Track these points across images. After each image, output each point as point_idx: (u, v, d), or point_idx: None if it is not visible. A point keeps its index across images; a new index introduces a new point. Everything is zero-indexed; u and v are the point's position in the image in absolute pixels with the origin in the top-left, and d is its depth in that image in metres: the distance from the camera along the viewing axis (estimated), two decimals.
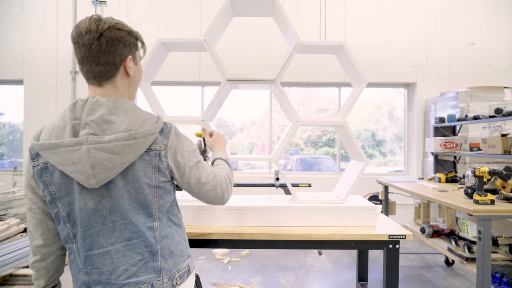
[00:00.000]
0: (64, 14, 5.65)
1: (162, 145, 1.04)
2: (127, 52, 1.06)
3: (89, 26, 1.00)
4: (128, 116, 1.01)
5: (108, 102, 1.01)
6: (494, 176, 2.74)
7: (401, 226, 1.88)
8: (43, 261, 1.10)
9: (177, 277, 1.09)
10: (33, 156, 1.02)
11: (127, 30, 1.06)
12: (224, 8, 1.92)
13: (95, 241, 1.02)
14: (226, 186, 1.20)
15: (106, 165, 0.96)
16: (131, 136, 0.98)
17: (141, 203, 1.03)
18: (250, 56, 5.55)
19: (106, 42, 1.01)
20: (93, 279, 1.03)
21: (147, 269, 1.04)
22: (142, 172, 1.02)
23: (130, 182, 1.01)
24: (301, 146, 6.22)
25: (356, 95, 1.99)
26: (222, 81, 1.94)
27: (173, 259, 1.09)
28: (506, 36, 5.56)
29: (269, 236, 1.73)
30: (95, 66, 1.02)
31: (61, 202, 1.02)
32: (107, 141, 0.96)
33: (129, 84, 1.10)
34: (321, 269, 3.73)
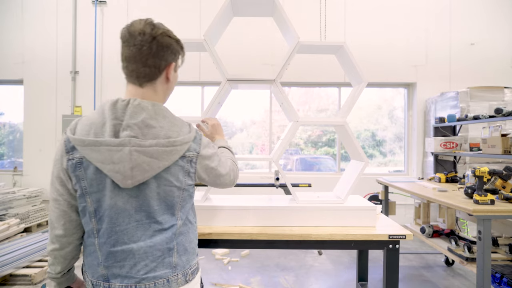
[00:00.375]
0: (64, 14, 5.65)
1: (195, 153, 1.11)
2: (172, 58, 1.11)
3: (144, 29, 1.04)
4: (166, 122, 1.07)
5: (149, 106, 1.05)
6: (494, 176, 2.74)
7: (401, 226, 1.88)
8: (62, 250, 1.13)
9: (190, 273, 1.13)
10: (69, 149, 1.04)
11: (175, 38, 1.12)
12: (224, 8, 1.92)
13: (119, 238, 1.05)
14: (235, 172, 1.31)
15: (144, 168, 1.02)
16: (170, 143, 1.04)
17: (168, 203, 1.08)
18: (250, 56, 5.55)
19: (157, 46, 1.06)
20: (112, 272, 1.06)
21: (164, 264, 1.08)
22: (175, 177, 1.08)
23: (162, 185, 1.06)
24: (301, 146, 6.22)
25: (356, 95, 1.99)
26: (222, 81, 1.94)
27: (186, 256, 1.13)
28: (506, 36, 5.56)
29: (269, 236, 1.73)
30: (142, 67, 1.06)
31: (90, 198, 1.05)
32: (148, 145, 1.01)
33: (167, 89, 1.16)
34: (321, 269, 3.73)
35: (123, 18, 5.64)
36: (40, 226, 5.17)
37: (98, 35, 5.65)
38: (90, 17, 5.63)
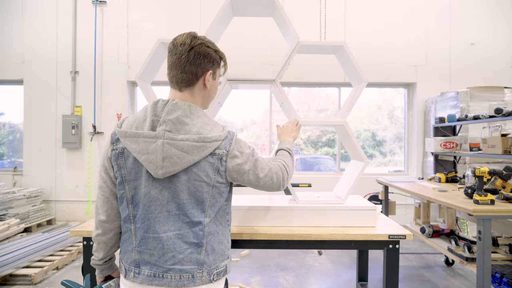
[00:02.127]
0: (64, 14, 5.65)
1: (224, 151, 1.17)
2: (209, 67, 1.21)
3: (185, 40, 1.18)
4: (200, 121, 1.16)
5: (185, 106, 1.16)
6: (494, 176, 2.74)
7: (401, 226, 1.88)
8: (104, 236, 1.24)
9: (215, 274, 1.18)
10: (114, 141, 1.18)
11: (214, 48, 1.22)
12: (224, 8, 1.92)
13: (151, 225, 1.14)
14: (282, 174, 1.34)
15: (174, 160, 1.11)
16: (201, 139, 1.12)
17: (198, 199, 1.15)
18: (250, 56, 5.55)
19: (194, 55, 1.17)
20: (143, 258, 1.15)
21: (191, 260, 1.14)
22: (204, 172, 1.14)
23: (192, 179, 1.14)
24: (301, 146, 6.22)
25: (356, 95, 1.98)
26: (222, 81, 1.94)
27: (214, 256, 1.19)
28: (506, 36, 5.56)
29: (269, 236, 1.72)
30: (180, 73, 1.19)
31: (128, 185, 1.16)
32: (180, 139, 1.11)
33: (204, 95, 1.25)
34: (321, 269, 3.73)
35: (123, 18, 5.65)
36: (40, 226, 5.17)
37: (98, 35, 5.64)
38: (90, 17, 5.63)
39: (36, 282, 3.25)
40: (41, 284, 3.29)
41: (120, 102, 5.66)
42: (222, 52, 1.26)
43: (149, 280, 1.13)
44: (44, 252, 3.72)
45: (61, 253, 3.86)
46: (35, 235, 4.32)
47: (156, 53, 1.93)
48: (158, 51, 1.94)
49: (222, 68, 1.29)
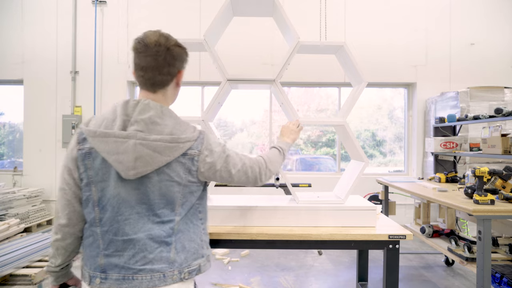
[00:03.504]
0: (64, 14, 5.65)
1: (196, 151, 1.17)
2: (182, 66, 1.24)
3: (159, 40, 1.16)
4: (172, 122, 1.16)
5: (157, 106, 1.15)
6: (494, 176, 2.74)
7: (401, 226, 1.88)
8: (63, 241, 1.19)
9: (186, 272, 1.16)
10: (80, 140, 1.14)
11: (184, 48, 1.24)
12: (224, 8, 1.92)
13: (120, 228, 1.11)
14: (258, 168, 1.32)
15: (146, 160, 1.09)
16: (174, 140, 1.12)
17: (168, 198, 1.14)
18: (250, 56, 5.55)
19: (171, 56, 1.17)
20: (111, 262, 1.11)
21: (162, 259, 1.13)
22: (176, 173, 1.14)
23: (163, 180, 1.12)
24: (301, 146, 6.22)
25: (356, 95, 1.98)
26: (222, 81, 1.94)
27: (185, 254, 1.17)
28: (506, 36, 5.56)
29: (269, 236, 1.72)
30: (158, 75, 1.17)
31: (95, 187, 1.13)
32: (153, 139, 1.10)
33: (174, 94, 1.28)
34: (321, 269, 3.73)
35: (123, 18, 5.65)
36: (40, 226, 5.17)
37: (98, 35, 5.64)
38: (90, 17, 5.63)
39: (36, 282, 3.25)
40: (41, 284, 3.29)
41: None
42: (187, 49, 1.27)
43: (117, 284, 1.10)
44: (44, 252, 3.72)
45: None
46: (35, 235, 4.31)
47: None
48: None
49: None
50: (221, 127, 6.17)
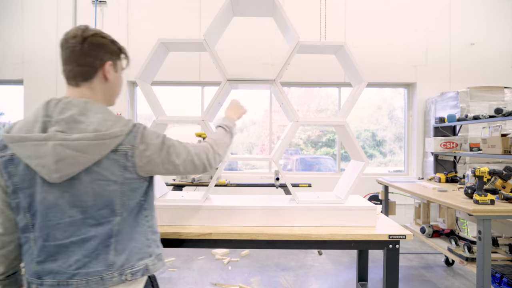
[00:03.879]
0: (64, 14, 5.65)
1: (129, 146, 1.10)
2: (108, 58, 1.16)
3: (76, 32, 1.12)
4: (98, 117, 1.08)
5: (80, 103, 1.08)
6: (494, 176, 2.74)
7: (401, 226, 1.88)
8: (3, 249, 1.14)
9: (128, 273, 1.10)
10: (1, 147, 1.08)
11: (110, 39, 1.17)
12: (224, 8, 1.92)
13: (51, 233, 1.06)
14: (206, 155, 1.26)
15: (69, 162, 1.02)
16: (97, 137, 1.04)
17: (105, 200, 1.07)
18: (250, 56, 5.55)
19: (88, 46, 1.11)
20: (45, 268, 1.07)
21: (99, 261, 1.07)
22: (109, 171, 1.07)
23: (95, 180, 1.06)
24: (301, 146, 6.22)
25: (356, 95, 1.98)
26: (222, 81, 1.94)
27: (126, 255, 1.11)
28: (506, 36, 5.56)
29: (269, 236, 1.73)
30: (76, 67, 1.12)
31: (22, 193, 1.07)
32: (73, 139, 1.02)
33: (106, 88, 1.18)
34: (321, 269, 3.73)
35: (123, 18, 5.65)
36: None
37: None
38: (90, 17, 5.63)
39: None
40: None
41: (120, 102, 5.65)
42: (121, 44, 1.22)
43: None
44: None
45: None
46: None
47: (156, 53, 1.93)
48: (158, 51, 1.94)
49: (124, 60, 1.24)
50: None
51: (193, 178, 3.89)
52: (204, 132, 2.04)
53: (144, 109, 5.99)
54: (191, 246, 1.78)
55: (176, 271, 3.64)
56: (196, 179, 3.88)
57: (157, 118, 1.94)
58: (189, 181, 3.95)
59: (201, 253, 4.14)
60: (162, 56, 2.05)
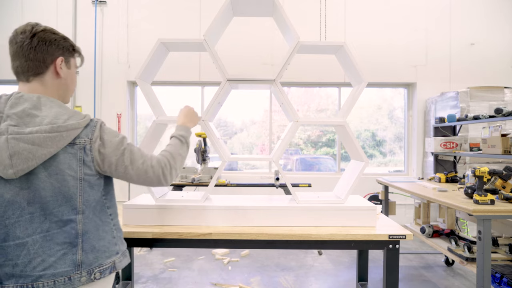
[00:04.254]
0: (64, 14, 5.65)
1: (87, 139, 1.08)
2: (59, 54, 1.14)
3: (25, 28, 1.10)
4: (53, 111, 1.06)
5: (33, 97, 1.06)
6: (494, 176, 2.74)
7: (401, 226, 1.88)
8: None
9: (97, 272, 1.11)
10: None
11: (62, 36, 1.16)
12: (224, 8, 1.92)
13: (10, 232, 1.02)
14: (162, 169, 1.22)
15: (25, 156, 0.99)
16: (53, 129, 1.02)
17: (65, 195, 1.05)
18: (250, 56, 5.55)
19: (38, 41, 1.09)
20: (5, 272, 1.02)
21: (66, 261, 1.05)
22: (66, 165, 1.05)
23: (53, 174, 1.04)
24: (301, 146, 6.22)
25: (356, 95, 1.98)
26: (222, 81, 1.94)
27: (94, 254, 1.11)
28: (506, 36, 5.56)
29: (269, 236, 1.73)
30: (24, 62, 1.09)
31: None
32: (28, 132, 1.00)
33: (59, 85, 1.16)
34: (321, 269, 3.73)
35: (123, 18, 5.65)
36: None
37: (98, 35, 5.64)
38: (90, 17, 5.63)
39: None
40: None
41: (120, 102, 5.66)
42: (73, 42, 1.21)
43: None
44: None
45: None
46: None
47: (156, 53, 1.93)
48: (158, 51, 1.94)
49: (78, 58, 1.25)
50: (221, 127, 6.17)
51: (193, 178, 3.89)
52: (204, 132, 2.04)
53: (144, 109, 5.99)
54: (191, 246, 1.78)
55: (176, 271, 3.64)
56: (196, 179, 3.88)
57: (157, 118, 1.94)
58: (189, 181, 3.95)
59: (201, 253, 4.14)
60: (162, 56, 2.05)
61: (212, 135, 1.94)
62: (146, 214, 1.83)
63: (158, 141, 2.18)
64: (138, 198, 2.01)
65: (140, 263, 3.87)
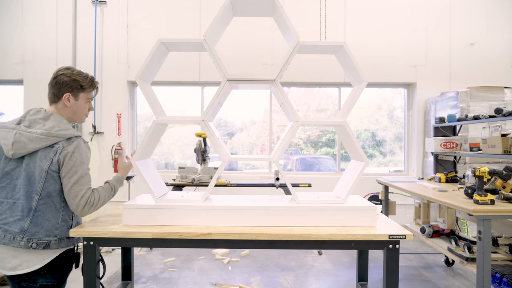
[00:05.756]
0: (64, 14, 5.65)
1: (61, 147, 1.57)
2: (67, 91, 1.64)
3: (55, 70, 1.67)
4: (52, 124, 1.58)
5: (47, 113, 1.62)
6: (494, 176, 2.74)
7: (401, 226, 1.88)
8: None
9: (34, 243, 1.52)
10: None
11: (73, 78, 1.64)
12: (224, 8, 1.92)
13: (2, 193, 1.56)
14: (85, 204, 1.59)
15: (20, 145, 1.53)
16: (43, 134, 1.55)
17: (32, 178, 1.54)
18: (250, 56, 5.55)
19: (56, 81, 1.64)
20: None
21: (17, 225, 1.53)
22: (40, 158, 1.55)
23: (31, 163, 1.55)
24: (301, 146, 6.22)
25: (356, 95, 1.98)
26: (222, 81, 1.94)
27: (37, 228, 1.53)
28: (506, 36, 5.56)
29: (269, 236, 1.72)
30: (49, 92, 1.67)
31: None
32: (29, 131, 1.55)
33: (67, 111, 1.67)
34: (321, 269, 3.73)
35: (123, 18, 5.65)
36: None
37: (98, 35, 5.64)
38: (90, 17, 5.63)
39: None
40: None
41: (120, 102, 5.66)
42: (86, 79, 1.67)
43: None
44: None
45: None
46: None
47: (156, 53, 1.93)
48: (158, 51, 1.94)
49: (89, 90, 1.69)
50: (221, 127, 6.17)
51: (193, 178, 3.89)
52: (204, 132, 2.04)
53: (144, 109, 5.99)
54: (191, 246, 1.78)
55: (176, 271, 3.64)
56: (196, 179, 3.88)
57: (157, 118, 1.94)
58: (189, 181, 3.95)
59: (201, 253, 4.14)
60: (162, 56, 2.05)
61: (212, 135, 1.94)
62: (146, 214, 1.83)
63: (158, 141, 2.18)
64: (138, 198, 2.01)
65: (140, 263, 3.87)
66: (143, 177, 1.87)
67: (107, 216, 1.97)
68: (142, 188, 3.97)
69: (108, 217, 1.95)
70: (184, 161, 6.05)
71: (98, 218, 1.92)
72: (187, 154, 6.08)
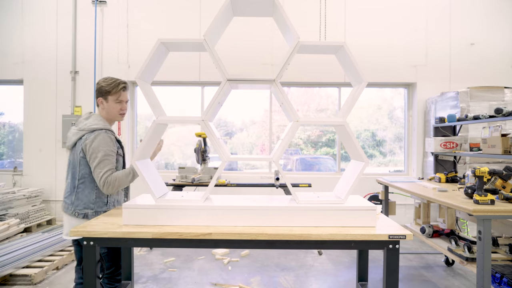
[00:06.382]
0: (64, 14, 5.65)
1: (85, 138, 2.04)
2: (100, 95, 2.15)
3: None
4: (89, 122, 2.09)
5: (90, 115, 2.15)
6: (494, 176, 2.74)
7: (401, 226, 1.88)
8: None
9: (76, 212, 2.04)
10: None
11: (101, 85, 2.13)
12: (224, 8, 1.92)
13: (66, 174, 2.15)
14: (103, 184, 1.99)
15: (70, 139, 2.10)
16: (79, 129, 2.07)
17: (74, 164, 2.07)
18: (250, 56, 5.55)
19: (95, 90, 2.17)
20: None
21: (69, 198, 2.08)
22: (77, 148, 2.06)
23: (74, 152, 2.09)
24: (301, 146, 6.22)
25: (356, 95, 1.98)
26: (222, 81, 1.94)
27: (79, 202, 2.05)
28: (506, 36, 5.56)
29: (269, 236, 1.72)
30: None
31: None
32: (73, 128, 2.11)
33: (103, 113, 2.17)
34: (321, 269, 3.73)
35: (123, 18, 5.65)
36: (40, 226, 5.17)
37: (98, 35, 5.65)
38: (90, 17, 5.63)
39: (36, 282, 3.25)
40: (41, 284, 3.29)
41: None
42: (111, 85, 2.11)
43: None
44: (44, 252, 3.72)
45: (61, 253, 3.86)
46: (35, 235, 4.31)
47: (156, 53, 1.93)
48: (158, 51, 1.94)
49: (114, 92, 2.12)
50: (221, 127, 6.17)
51: (193, 178, 3.89)
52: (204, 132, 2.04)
53: (144, 109, 5.99)
54: (191, 246, 1.78)
55: (176, 271, 3.64)
56: (196, 179, 3.88)
57: (157, 118, 1.94)
58: (189, 181, 3.95)
59: (201, 253, 4.14)
60: (162, 56, 2.05)
61: (212, 135, 1.94)
62: (146, 214, 1.83)
63: (158, 141, 2.18)
64: (138, 198, 2.01)
65: (140, 263, 3.87)
66: (143, 177, 1.87)
67: (107, 216, 1.97)
68: (142, 188, 3.97)
69: (108, 217, 1.95)
70: (184, 161, 6.05)
71: (98, 218, 1.92)
72: (187, 154, 6.09)
